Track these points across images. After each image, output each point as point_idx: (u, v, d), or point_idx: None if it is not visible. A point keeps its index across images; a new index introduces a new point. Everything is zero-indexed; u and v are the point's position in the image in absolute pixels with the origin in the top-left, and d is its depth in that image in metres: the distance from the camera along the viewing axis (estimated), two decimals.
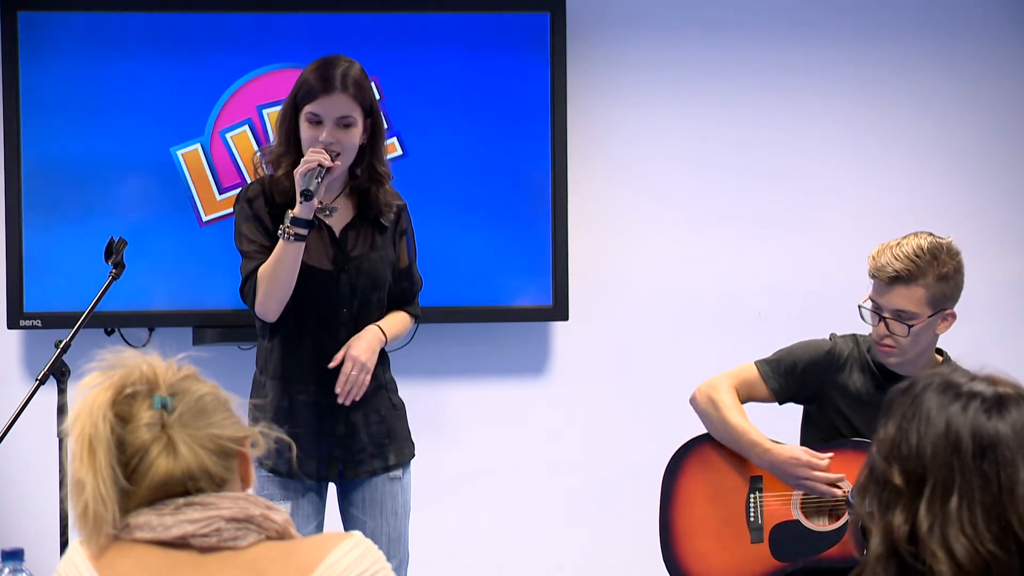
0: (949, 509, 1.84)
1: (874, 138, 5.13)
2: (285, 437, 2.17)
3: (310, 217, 3.72)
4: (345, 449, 3.87)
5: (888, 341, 3.61)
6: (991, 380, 1.93)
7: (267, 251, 3.80)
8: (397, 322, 3.98)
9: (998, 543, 1.83)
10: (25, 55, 4.71)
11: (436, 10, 4.83)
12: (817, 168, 5.12)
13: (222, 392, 2.16)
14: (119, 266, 3.87)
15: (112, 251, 3.88)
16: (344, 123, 3.79)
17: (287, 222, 3.72)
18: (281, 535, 2.11)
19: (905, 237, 3.62)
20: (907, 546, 1.85)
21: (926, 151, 5.15)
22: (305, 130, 3.80)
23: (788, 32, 5.10)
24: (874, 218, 5.04)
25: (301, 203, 3.71)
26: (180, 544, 2.07)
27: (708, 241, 5.08)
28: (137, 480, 2.07)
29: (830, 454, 3.66)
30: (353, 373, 3.82)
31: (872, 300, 3.63)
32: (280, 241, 3.74)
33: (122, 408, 2.09)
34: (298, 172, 3.72)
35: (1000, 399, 1.90)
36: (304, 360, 3.86)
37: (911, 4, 5.13)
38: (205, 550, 2.07)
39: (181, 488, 2.08)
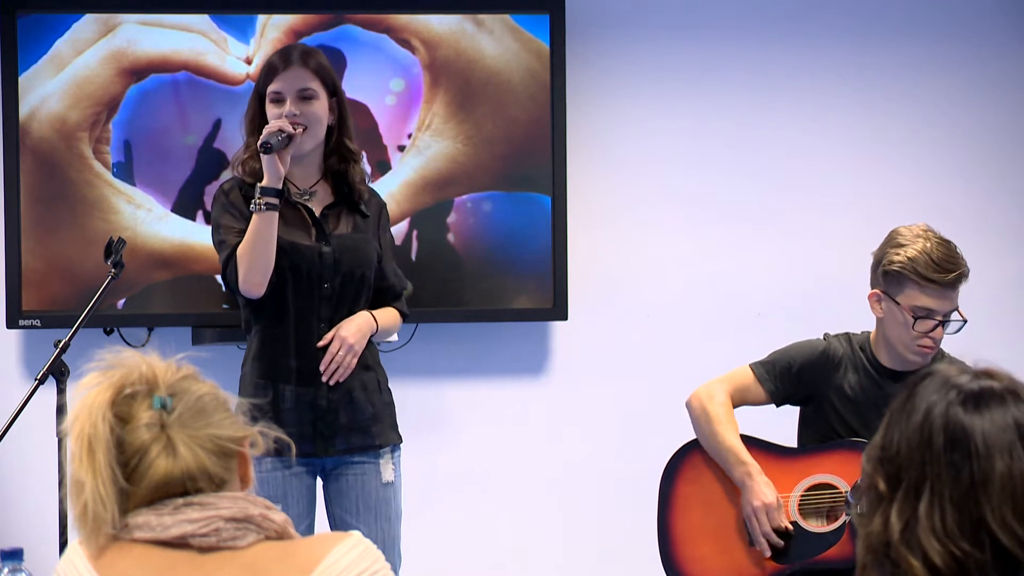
0: (920, 509, 1.81)
1: (874, 138, 5.14)
2: (284, 437, 2.17)
3: (279, 186, 3.77)
4: (328, 424, 3.86)
5: (935, 343, 3.63)
6: (979, 374, 1.90)
7: (244, 235, 3.83)
8: (388, 316, 4.00)
9: (970, 540, 1.80)
10: (24, 56, 4.72)
11: (436, 10, 4.84)
12: (818, 168, 5.12)
13: (221, 392, 2.16)
14: (118, 266, 3.87)
15: (111, 251, 3.88)
16: (304, 95, 3.88)
17: (257, 194, 3.76)
18: (280, 535, 2.11)
19: (916, 237, 3.60)
20: (885, 551, 1.84)
21: (926, 151, 5.16)
22: (269, 110, 3.88)
23: (788, 32, 5.10)
24: (874, 218, 5.03)
25: (265, 162, 3.76)
26: (179, 544, 2.07)
27: (708, 241, 5.08)
28: (136, 480, 2.07)
29: (792, 523, 3.66)
30: (340, 354, 3.84)
31: (926, 309, 3.60)
32: (254, 215, 3.77)
33: (121, 408, 2.08)
34: (261, 138, 3.79)
35: (981, 393, 1.86)
36: (286, 335, 3.86)
37: (911, 4, 5.13)
38: (204, 550, 2.07)
39: (180, 488, 2.07)
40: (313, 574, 2.07)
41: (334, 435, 3.87)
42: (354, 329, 3.87)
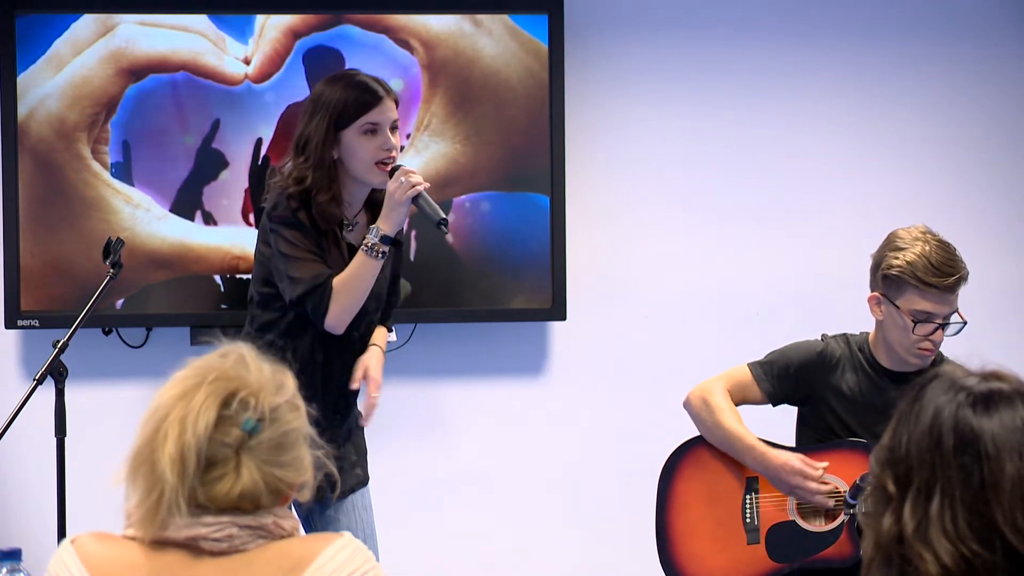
0: (931, 509, 1.82)
1: (873, 138, 5.14)
2: (334, 472, 2.18)
3: (393, 234, 3.73)
4: (337, 468, 3.83)
5: (935, 345, 3.63)
6: (988, 376, 1.90)
7: (321, 260, 3.73)
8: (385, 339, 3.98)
9: (981, 541, 1.81)
10: (22, 56, 4.72)
11: (434, 11, 4.84)
12: (817, 168, 5.12)
13: (306, 426, 2.15)
14: (117, 266, 3.86)
15: (110, 251, 3.88)
16: (394, 127, 3.79)
17: (375, 238, 3.69)
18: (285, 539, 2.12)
19: (914, 240, 3.60)
20: (896, 548, 1.84)
21: (925, 151, 5.16)
22: (362, 143, 3.74)
23: (787, 32, 5.10)
24: (873, 218, 5.04)
25: (400, 211, 3.70)
26: (182, 545, 2.07)
27: (707, 241, 5.08)
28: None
29: (825, 464, 3.65)
30: (377, 397, 3.81)
31: (926, 312, 3.59)
32: (361, 255, 3.70)
33: (218, 419, 2.07)
34: (403, 193, 3.69)
35: (990, 395, 1.87)
36: (313, 379, 3.77)
37: (911, 4, 5.13)
38: (215, 554, 2.07)
39: (225, 507, 2.08)
40: (305, 574, 2.08)
41: (342, 478, 3.83)
42: (380, 370, 3.84)
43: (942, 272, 3.55)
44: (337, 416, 3.83)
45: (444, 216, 3.72)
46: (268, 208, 3.78)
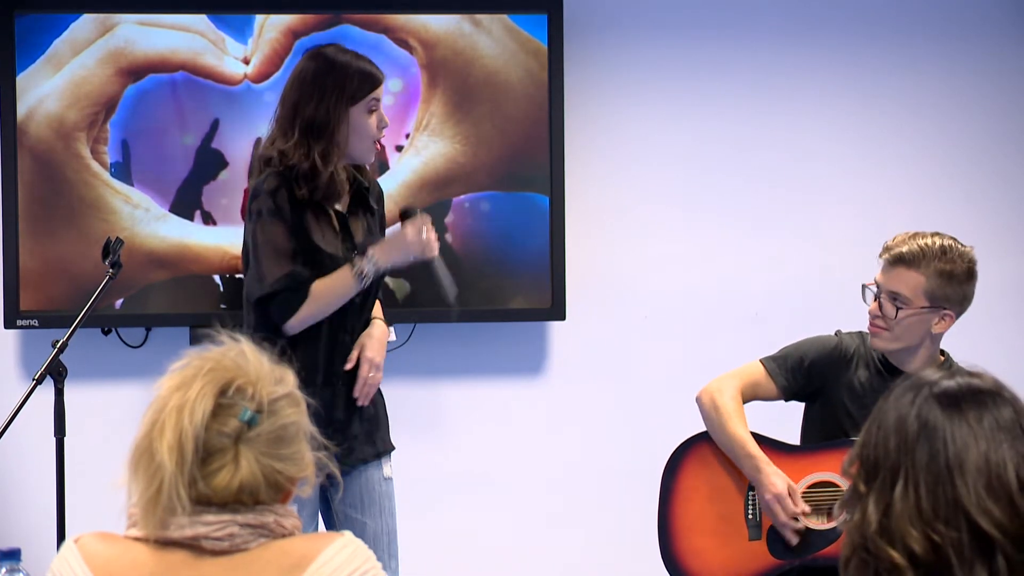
0: (895, 494, 1.84)
1: (873, 138, 5.14)
2: (337, 475, 2.18)
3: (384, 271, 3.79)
4: (342, 436, 3.85)
5: (878, 322, 3.65)
6: (957, 373, 1.92)
7: (295, 255, 3.74)
8: (380, 312, 4.00)
9: (947, 521, 1.81)
10: (22, 56, 4.72)
11: (433, 11, 4.84)
12: (817, 168, 5.12)
13: (306, 422, 2.15)
14: (116, 266, 3.86)
15: (109, 251, 3.88)
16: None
17: (371, 267, 3.75)
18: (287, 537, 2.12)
19: (928, 232, 3.67)
20: (862, 543, 1.85)
21: (925, 151, 5.16)
22: (366, 120, 3.80)
23: (787, 32, 5.10)
24: (873, 218, 5.05)
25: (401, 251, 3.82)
26: (185, 544, 2.07)
27: (706, 241, 5.08)
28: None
29: (806, 509, 3.66)
30: (371, 375, 3.83)
31: (876, 281, 3.68)
32: (348, 274, 3.74)
33: (215, 408, 2.08)
34: (420, 250, 3.83)
35: (958, 391, 1.89)
36: (316, 350, 3.81)
37: (911, 4, 5.13)
38: (216, 553, 2.07)
39: (223, 501, 2.08)
40: (305, 574, 2.07)
41: (349, 446, 3.85)
42: (378, 346, 3.86)
43: (892, 242, 3.65)
44: (339, 387, 3.84)
45: (457, 291, 3.83)
46: (252, 195, 3.81)
